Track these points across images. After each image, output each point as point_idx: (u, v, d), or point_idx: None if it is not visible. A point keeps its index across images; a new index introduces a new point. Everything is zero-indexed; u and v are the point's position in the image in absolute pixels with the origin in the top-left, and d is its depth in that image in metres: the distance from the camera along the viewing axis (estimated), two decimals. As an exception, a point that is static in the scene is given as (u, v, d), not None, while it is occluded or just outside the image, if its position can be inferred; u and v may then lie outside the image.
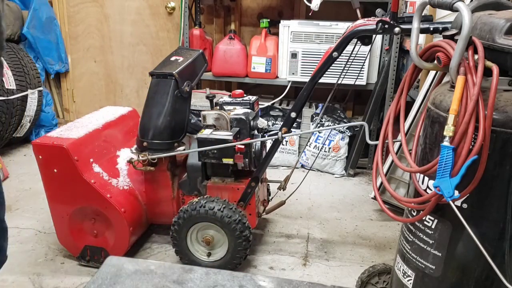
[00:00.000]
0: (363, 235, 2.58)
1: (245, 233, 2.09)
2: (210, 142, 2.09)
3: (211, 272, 0.85)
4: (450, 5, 1.21)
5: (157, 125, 2.15)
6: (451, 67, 1.16)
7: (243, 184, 2.19)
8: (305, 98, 1.99)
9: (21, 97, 3.46)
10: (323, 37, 3.27)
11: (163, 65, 2.22)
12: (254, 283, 0.82)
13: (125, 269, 0.85)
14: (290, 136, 2.87)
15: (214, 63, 3.53)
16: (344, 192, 3.14)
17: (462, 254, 1.27)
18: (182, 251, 2.18)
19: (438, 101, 1.26)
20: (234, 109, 2.26)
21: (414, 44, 1.31)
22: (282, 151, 3.45)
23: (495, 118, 1.13)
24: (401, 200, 1.37)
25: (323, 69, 1.89)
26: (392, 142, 1.37)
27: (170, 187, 2.27)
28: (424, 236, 1.33)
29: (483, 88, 1.12)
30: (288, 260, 2.33)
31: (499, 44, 1.14)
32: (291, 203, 2.78)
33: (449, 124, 1.11)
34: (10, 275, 2.12)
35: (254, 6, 3.92)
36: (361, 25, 1.75)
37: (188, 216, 2.10)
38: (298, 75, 3.38)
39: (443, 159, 1.12)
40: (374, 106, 3.26)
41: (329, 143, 3.35)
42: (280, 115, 3.48)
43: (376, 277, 1.85)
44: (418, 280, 1.37)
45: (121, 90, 4.22)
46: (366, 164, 3.50)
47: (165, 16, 3.93)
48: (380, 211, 2.83)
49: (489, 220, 1.21)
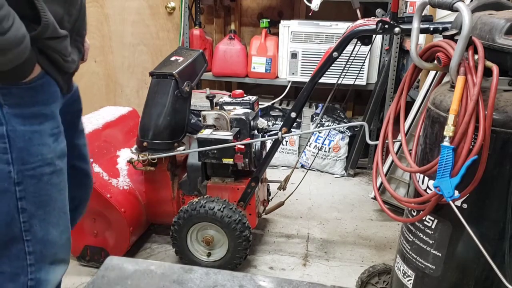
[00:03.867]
0: (363, 235, 2.58)
1: (245, 233, 2.09)
2: (210, 142, 2.09)
3: (211, 272, 0.85)
4: (450, 5, 1.21)
5: (157, 125, 2.15)
6: (451, 67, 1.16)
7: (243, 184, 2.19)
8: (305, 98, 1.99)
9: (21, 97, 3.45)
10: (323, 37, 3.27)
11: (163, 65, 2.22)
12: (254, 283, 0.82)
13: (125, 269, 0.85)
14: (290, 136, 2.87)
15: (214, 63, 3.53)
16: (344, 192, 3.14)
17: (462, 254, 1.27)
18: (182, 251, 2.18)
19: (438, 101, 1.26)
20: (234, 109, 2.26)
21: (414, 44, 1.31)
22: (282, 151, 3.45)
23: (495, 118, 1.13)
24: (401, 200, 1.37)
25: (323, 69, 1.89)
26: (392, 142, 1.37)
27: (170, 187, 2.27)
28: (424, 236, 1.33)
29: (483, 88, 1.11)
30: (288, 260, 2.33)
31: (499, 44, 1.14)
32: (291, 203, 2.78)
33: (449, 124, 1.11)
34: (10, 275, 2.11)
35: (254, 6, 3.92)
36: (361, 25, 1.75)
37: (188, 216, 2.10)
38: (298, 75, 3.38)
39: (443, 159, 1.12)
40: (374, 106, 3.26)
41: (329, 143, 3.35)
42: (280, 115, 3.48)
43: (376, 277, 1.85)
44: (418, 280, 1.37)
45: (121, 90, 4.22)
46: (366, 164, 3.50)
47: (165, 16, 3.93)
48: (380, 211, 2.83)
49: (489, 220, 1.21)
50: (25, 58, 1.09)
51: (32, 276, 1.28)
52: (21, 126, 1.17)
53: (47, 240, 1.28)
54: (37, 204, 1.24)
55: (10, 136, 1.16)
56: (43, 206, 1.26)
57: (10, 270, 1.27)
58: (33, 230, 1.25)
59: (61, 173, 1.29)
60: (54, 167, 1.25)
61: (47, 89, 1.20)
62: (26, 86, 1.15)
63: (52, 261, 1.32)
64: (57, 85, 1.23)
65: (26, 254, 1.26)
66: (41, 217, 1.26)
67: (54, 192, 1.28)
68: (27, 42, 1.06)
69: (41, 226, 1.27)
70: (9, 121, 1.15)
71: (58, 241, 1.31)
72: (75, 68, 1.31)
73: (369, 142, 1.93)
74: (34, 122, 1.19)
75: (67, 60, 1.22)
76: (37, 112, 1.19)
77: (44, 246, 1.29)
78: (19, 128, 1.16)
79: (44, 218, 1.27)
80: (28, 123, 1.18)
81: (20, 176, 1.19)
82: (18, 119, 1.16)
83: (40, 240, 1.27)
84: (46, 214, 1.27)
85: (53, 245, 1.30)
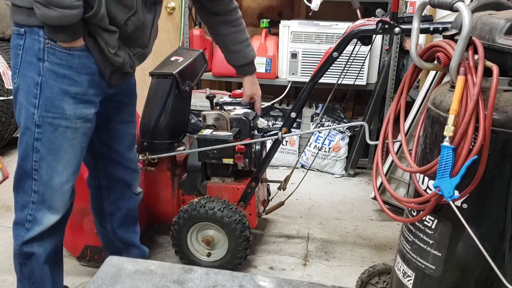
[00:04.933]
0: (363, 235, 2.58)
1: (245, 233, 2.09)
2: (210, 142, 2.09)
3: (211, 272, 0.85)
4: (450, 5, 1.21)
5: (157, 125, 2.15)
6: (451, 67, 1.16)
7: (243, 184, 2.19)
8: (305, 98, 1.99)
9: (21, 97, 3.46)
10: (323, 37, 3.27)
11: (163, 65, 2.22)
12: (254, 283, 0.82)
13: (125, 269, 0.84)
14: (290, 136, 2.87)
15: (214, 63, 3.53)
16: (344, 192, 3.14)
17: (462, 254, 1.27)
18: (182, 251, 2.18)
19: (438, 101, 1.26)
20: (234, 109, 2.26)
21: (414, 44, 1.31)
22: (282, 151, 3.45)
23: (495, 118, 1.13)
24: (401, 200, 1.37)
25: (323, 69, 1.89)
26: (392, 142, 1.37)
27: (170, 187, 2.27)
28: (424, 236, 1.33)
29: (483, 88, 1.11)
30: (288, 260, 2.33)
31: (499, 44, 1.14)
32: (291, 203, 2.78)
33: (449, 124, 1.11)
34: (10, 275, 2.11)
35: (254, 6, 3.92)
36: (361, 25, 1.75)
37: (188, 216, 2.10)
38: (298, 75, 3.38)
39: (443, 159, 1.12)
40: (374, 106, 3.26)
41: (329, 143, 3.35)
42: (280, 115, 3.48)
43: (376, 277, 1.85)
44: (418, 280, 1.37)
45: (121, 90, 4.22)
46: (366, 164, 3.50)
47: (165, 16, 3.92)
48: (380, 211, 2.82)
49: (489, 220, 1.21)
50: (71, 25, 1.34)
51: (31, 212, 1.54)
52: (53, 81, 1.43)
53: (50, 185, 1.51)
54: (48, 149, 1.48)
55: (42, 85, 1.43)
56: (53, 153, 1.49)
57: (21, 201, 1.56)
58: (41, 172, 1.50)
59: (77, 131, 1.51)
60: (70, 123, 1.48)
61: (83, 61, 1.44)
62: (67, 52, 1.41)
63: (49, 206, 1.54)
64: (95, 64, 1.47)
65: (32, 192, 1.52)
66: (49, 163, 1.50)
67: (66, 144, 1.49)
68: (77, 13, 1.32)
69: (47, 171, 1.50)
70: (44, 74, 1.42)
71: (58, 189, 1.53)
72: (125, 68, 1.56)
73: (369, 142, 1.93)
74: (64, 82, 1.44)
75: (112, 52, 1.46)
76: (68, 75, 1.44)
77: (46, 190, 1.52)
78: (50, 82, 1.43)
79: (51, 164, 1.50)
80: (59, 81, 1.43)
81: (40, 120, 1.45)
82: (52, 75, 1.42)
83: (44, 183, 1.51)
84: (54, 162, 1.50)
85: (54, 191, 1.53)
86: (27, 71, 1.42)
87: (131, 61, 1.60)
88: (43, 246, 1.59)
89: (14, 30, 1.45)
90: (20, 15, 1.41)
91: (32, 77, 1.42)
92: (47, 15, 1.30)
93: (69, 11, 1.30)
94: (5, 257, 2.25)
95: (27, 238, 1.55)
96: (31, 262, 1.60)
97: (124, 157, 1.83)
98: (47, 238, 1.59)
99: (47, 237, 1.59)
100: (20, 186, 1.55)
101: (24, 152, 1.50)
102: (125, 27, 1.47)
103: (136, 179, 1.93)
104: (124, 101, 1.78)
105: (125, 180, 1.88)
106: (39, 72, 1.41)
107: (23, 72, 1.43)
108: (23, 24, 1.41)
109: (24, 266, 1.61)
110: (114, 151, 1.80)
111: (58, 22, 1.32)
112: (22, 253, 1.58)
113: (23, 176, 1.53)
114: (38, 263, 1.60)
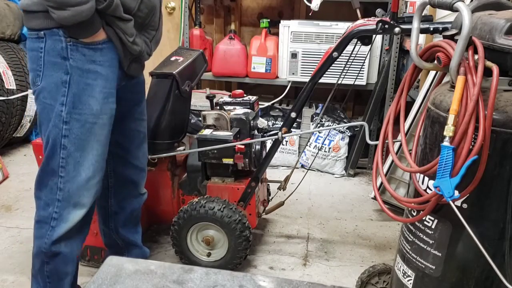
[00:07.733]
0: (363, 235, 2.58)
1: (245, 233, 2.09)
2: (210, 142, 2.09)
3: (211, 272, 0.85)
4: (450, 5, 1.21)
5: (157, 125, 2.15)
6: (451, 67, 1.16)
7: (243, 184, 2.19)
8: (305, 98, 1.99)
9: (21, 97, 3.46)
10: (323, 37, 3.27)
11: (163, 65, 2.22)
12: (254, 283, 0.82)
13: (125, 269, 0.85)
14: (290, 136, 2.86)
15: (214, 63, 3.53)
16: (344, 192, 3.14)
17: (462, 254, 1.27)
18: (182, 251, 2.18)
19: (438, 101, 1.26)
20: (234, 109, 2.26)
21: (414, 44, 1.31)
22: (282, 151, 3.45)
23: (495, 118, 1.13)
24: (401, 200, 1.37)
25: (323, 69, 1.89)
26: (392, 142, 1.37)
27: (170, 187, 2.27)
28: (424, 236, 1.33)
29: (483, 88, 1.11)
30: (288, 260, 2.33)
31: (499, 44, 1.14)
32: (291, 203, 2.78)
33: (449, 124, 1.11)
34: (10, 275, 2.12)
35: (254, 6, 3.92)
36: (361, 25, 1.75)
37: (188, 216, 2.10)
38: (298, 75, 3.38)
39: (443, 159, 1.12)
40: (374, 106, 3.26)
41: (329, 143, 3.35)
42: (280, 115, 3.48)
43: (376, 277, 1.85)
44: (418, 280, 1.37)
45: (121, 90, 4.22)
46: (366, 164, 3.50)
47: (165, 16, 3.92)
48: (380, 211, 2.83)
49: (489, 220, 1.21)
50: (88, 19, 1.37)
51: (57, 210, 1.54)
52: (79, 77, 1.45)
53: (76, 181, 1.52)
54: (76, 146, 1.50)
55: (70, 83, 1.45)
56: (80, 150, 1.51)
57: (45, 198, 1.55)
58: (68, 168, 1.51)
59: (104, 127, 1.53)
60: (98, 119, 1.50)
61: (107, 53, 1.48)
62: (89, 47, 1.44)
63: (75, 203, 1.54)
64: (117, 54, 1.50)
65: (57, 190, 1.52)
66: (77, 159, 1.51)
67: (93, 140, 1.52)
68: (89, 7, 1.35)
69: (74, 167, 1.51)
70: (71, 72, 1.44)
71: (84, 185, 1.54)
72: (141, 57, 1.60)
73: (369, 142, 1.93)
74: (90, 76, 1.46)
75: (130, 41, 1.50)
76: (93, 70, 1.46)
77: (72, 186, 1.52)
78: (77, 78, 1.45)
79: (78, 160, 1.51)
80: (85, 76, 1.45)
81: (68, 117, 1.47)
82: (78, 71, 1.44)
83: (70, 179, 1.52)
84: (81, 158, 1.51)
85: (80, 187, 1.53)
86: (52, 71, 1.44)
87: (148, 47, 1.64)
88: (70, 246, 1.60)
89: (32, 35, 1.46)
90: (37, 20, 1.42)
91: (59, 76, 1.44)
92: (62, 16, 1.34)
93: (81, 7, 1.33)
94: (5, 257, 2.25)
95: (56, 237, 1.55)
96: (56, 262, 1.60)
97: (134, 155, 1.86)
98: (74, 237, 1.60)
99: (74, 236, 1.60)
100: (44, 184, 1.55)
101: (52, 149, 1.50)
102: (139, 13, 1.52)
103: (143, 178, 1.95)
104: (136, 99, 1.81)
105: (132, 179, 1.90)
106: (66, 70, 1.44)
107: (47, 73, 1.45)
108: (41, 28, 1.42)
109: (47, 264, 1.60)
110: (124, 150, 1.83)
111: (74, 20, 1.35)
112: (49, 252, 1.57)
113: (48, 174, 1.54)
114: (62, 262, 1.61)
